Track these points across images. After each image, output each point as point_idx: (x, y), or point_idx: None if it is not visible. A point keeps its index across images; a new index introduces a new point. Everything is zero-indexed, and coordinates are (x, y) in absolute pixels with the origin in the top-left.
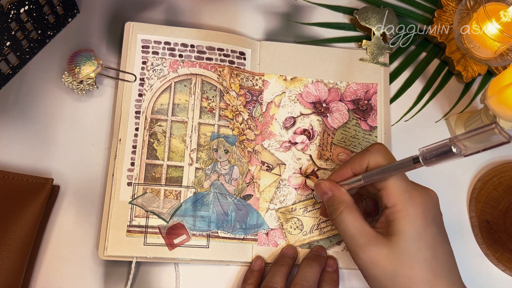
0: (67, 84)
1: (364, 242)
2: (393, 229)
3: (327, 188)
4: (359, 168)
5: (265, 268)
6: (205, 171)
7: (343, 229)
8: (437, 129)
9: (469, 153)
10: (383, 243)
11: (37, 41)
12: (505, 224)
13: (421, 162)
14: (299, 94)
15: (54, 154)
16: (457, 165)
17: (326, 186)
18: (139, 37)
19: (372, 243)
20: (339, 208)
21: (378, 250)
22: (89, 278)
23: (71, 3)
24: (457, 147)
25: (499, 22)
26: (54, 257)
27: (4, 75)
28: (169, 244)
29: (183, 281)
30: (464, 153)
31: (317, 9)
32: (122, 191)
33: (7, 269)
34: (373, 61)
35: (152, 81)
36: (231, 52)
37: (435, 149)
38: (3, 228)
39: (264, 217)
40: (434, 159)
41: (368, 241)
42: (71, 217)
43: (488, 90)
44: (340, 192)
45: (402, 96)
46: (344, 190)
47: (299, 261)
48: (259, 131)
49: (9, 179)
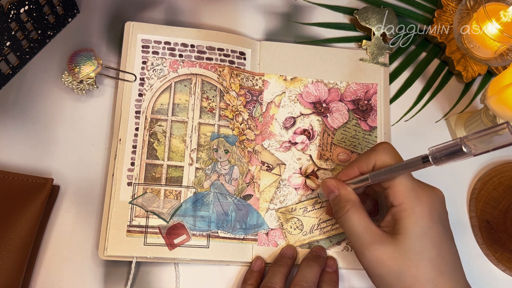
0: (67, 84)
1: (370, 241)
2: (399, 227)
3: (333, 187)
4: (366, 167)
5: (265, 268)
6: (205, 171)
7: (349, 228)
8: (437, 129)
9: (479, 153)
10: (388, 242)
11: (37, 41)
12: (505, 224)
13: (431, 161)
14: (299, 94)
15: (54, 154)
16: (457, 165)
17: (332, 184)
18: (139, 37)
19: (378, 242)
20: (345, 207)
21: (384, 249)
22: (89, 278)
23: (71, 3)
24: (467, 147)
25: (499, 22)
26: (54, 257)
27: (4, 75)
28: (169, 244)
29: (183, 281)
30: (474, 153)
31: (317, 9)
32: (122, 191)
33: (7, 269)
34: (373, 61)
35: (152, 81)
36: (231, 52)
37: (444, 148)
38: (3, 228)
39: (264, 217)
40: (444, 158)
41: (374, 240)
42: (71, 217)
43: (488, 90)
44: (346, 191)
45: (402, 96)
46: (350, 189)
47: (298, 261)
48: (259, 131)
49: (9, 179)
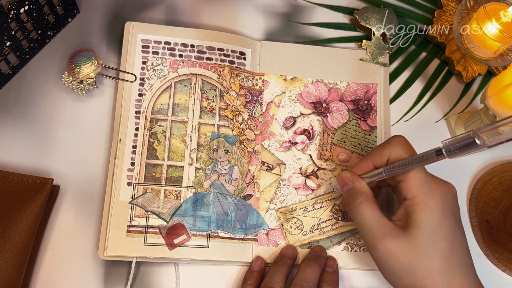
0: (67, 84)
1: (382, 234)
2: (412, 221)
3: (348, 179)
4: (380, 161)
5: (265, 268)
6: (205, 171)
7: (360, 221)
8: (437, 129)
9: (492, 145)
10: (401, 235)
11: (37, 41)
12: (505, 224)
13: (444, 154)
14: (299, 94)
15: (54, 154)
16: (457, 165)
17: (347, 177)
18: (139, 37)
19: (390, 235)
20: (358, 199)
21: (396, 242)
22: (89, 278)
23: (71, 3)
24: (480, 139)
25: (499, 22)
26: (54, 257)
27: (4, 75)
28: (169, 244)
29: (183, 281)
30: (488, 145)
31: (317, 9)
32: (122, 191)
33: (7, 269)
34: (373, 61)
35: (152, 81)
36: (231, 52)
37: (458, 141)
38: (3, 228)
39: (264, 217)
40: (458, 151)
41: (386, 233)
42: (71, 217)
43: (488, 90)
44: (360, 184)
45: (402, 96)
46: (364, 183)
47: (299, 261)
48: (259, 131)
49: (9, 179)
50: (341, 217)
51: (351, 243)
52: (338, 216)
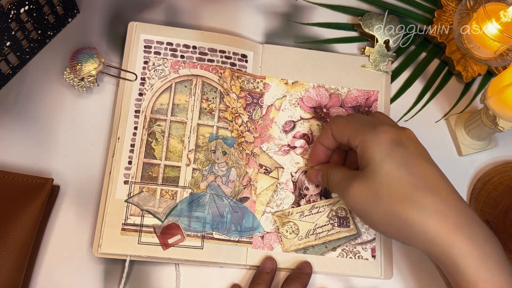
0: (68, 81)
1: (347, 183)
2: (364, 161)
3: (314, 172)
4: (327, 138)
5: (276, 269)
6: (202, 172)
7: (333, 184)
8: (437, 129)
9: None
10: (359, 176)
11: (37, 41)
12: (505, 224)
13: None
14: (300, 98)
15: (54, 154)
16: (457, 165)
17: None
18: (142, 37)
19: (352, 180)
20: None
21: (357, 183)
22: (89, 278)
23: (71, 3)
24: None
25: (499, 22)
26: (54, 257)
27: (4, 75)
28: (163, 244)
29: (183, 281)
30: None
31: (318, 9)
32: (119, 189)
33: (7, 269)
34: (375, 68)
35: (153, 81)
36: (233, 54)
37: None
38: (3, 228)
39: (260, 220)
40: None
41: (349, 181)
42: (71, 217)
43: (488, 90)
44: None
45: (402, 96)
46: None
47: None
48: (258, 133)
49: (9, 179)
50: (337, 223)
51: (346, 249)
52: (335, 222)
